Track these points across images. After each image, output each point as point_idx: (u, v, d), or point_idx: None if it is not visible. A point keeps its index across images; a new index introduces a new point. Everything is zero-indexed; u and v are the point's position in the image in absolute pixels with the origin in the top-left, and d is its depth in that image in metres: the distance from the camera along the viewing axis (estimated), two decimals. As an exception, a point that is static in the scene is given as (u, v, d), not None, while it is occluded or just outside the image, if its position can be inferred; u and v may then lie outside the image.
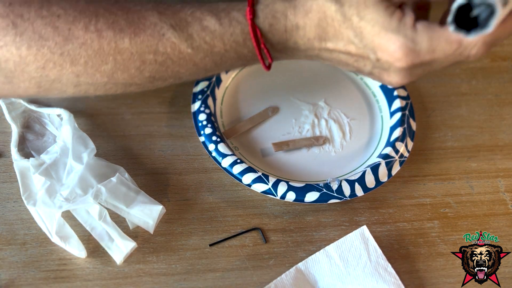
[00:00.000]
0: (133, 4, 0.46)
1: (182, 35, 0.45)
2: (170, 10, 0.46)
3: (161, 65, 0.46)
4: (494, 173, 0.60)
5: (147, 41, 0.45)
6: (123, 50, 0.45)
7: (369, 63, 0.44)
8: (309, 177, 0.56)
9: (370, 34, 0.42)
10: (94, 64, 0.45)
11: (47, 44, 0.43)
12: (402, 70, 0.43)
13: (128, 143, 0.58)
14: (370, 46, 0.43)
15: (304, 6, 0.44)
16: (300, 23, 0.44)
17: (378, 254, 0.51)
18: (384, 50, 0.42)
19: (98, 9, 0.44)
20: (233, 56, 0.47)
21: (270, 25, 0.45)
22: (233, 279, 0.50)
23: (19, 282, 0.48)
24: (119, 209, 0.50)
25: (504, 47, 0.72)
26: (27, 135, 0.56)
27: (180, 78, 0.48)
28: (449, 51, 0.42)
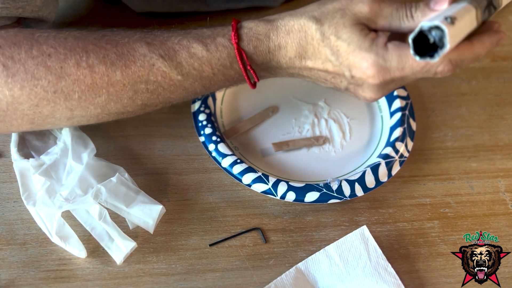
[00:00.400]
0: (121, 37, 0.47)
1: (171, 64, 0.47)
2: (157, 40, 0.47)
3: (152, 93, 0.47)
4: (494, 173, 0.60)
5: (138, 72, 0.46)
6: (115, 83, 0.46)
7: (344, 80, 0.47)
8: (309, 177, 0.56)
9: (346, 52, 0.45)
10: (88, 98, 0.46)
11: (40, 83, 0.44)
12: (375, 86, 0.46)
13: (128, 143, 0.58)
14: (345, 63, 0.45)
15: (286, 26, 0.47)
16: (282, 43, 0.47)
17: (378, 254, 0.51)
18: (358, 68, 0.45)
19: (87, 45, 0.46)
20: (221, 78, 0.49)
21: (254, 47, 0.47)
22: (233, 279, 0.50)
23: (19, 282, 0.48)
24: (119, 209, 0.50)
25: (504, 47, 0.72)
26: (27, 136, 0.56)
27: (171, 102, 0.50)
28: (416, 68, 0.44)
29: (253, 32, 0.47)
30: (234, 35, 0.47)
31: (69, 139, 0.53)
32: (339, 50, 0.45)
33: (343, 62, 0.45)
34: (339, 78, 0.47)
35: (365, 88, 0.47)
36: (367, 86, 0.46)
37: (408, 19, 0.45)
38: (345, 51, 0.45)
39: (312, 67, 0.47)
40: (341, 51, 0.45)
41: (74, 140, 0.53)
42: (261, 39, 0.47)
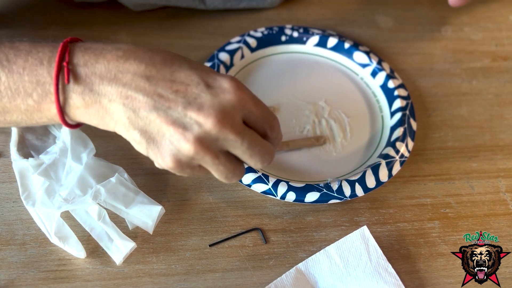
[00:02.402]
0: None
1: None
2: (9, 43, 0.44)
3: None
4: (494, 173, 0.60)
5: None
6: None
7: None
8: (309, 177, 0.56)
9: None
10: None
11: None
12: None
13: (127, 143, 0.57)
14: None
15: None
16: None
17: (379, 255, 0.51)
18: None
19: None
20: (30, 80, 0.43)
21: (86, 48, 0.43)
22: (233, 279, 0.50)
23: (19, 283, 0.48)
24: (118, 209, 0.50)
25: (505, 47, 0.72)
26: (26, 135, 0.56)
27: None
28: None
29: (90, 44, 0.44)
30: (72, 38, 0.43)
31: (68, 139, 0.53)
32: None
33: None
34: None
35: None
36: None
37: None
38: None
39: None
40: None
41: (74, 140, 0.53)
42: (95, 47, 0.43)
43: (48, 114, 0.44)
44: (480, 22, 0.75)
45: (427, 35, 0.72)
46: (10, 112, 0.44)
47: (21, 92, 0.43)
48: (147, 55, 0.43)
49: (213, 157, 0.42)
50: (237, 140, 0.42)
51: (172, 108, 0.41)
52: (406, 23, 0.73)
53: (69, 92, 0.42)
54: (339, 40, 0.66)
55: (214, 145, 0.42)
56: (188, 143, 0.41)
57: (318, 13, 0.72)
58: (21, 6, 0.67)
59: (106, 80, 0.42)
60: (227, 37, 0.66)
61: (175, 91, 0.42)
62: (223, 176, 0.44)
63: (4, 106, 0.44)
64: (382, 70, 0.64)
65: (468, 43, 0.72)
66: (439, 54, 0.70)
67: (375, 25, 0.72)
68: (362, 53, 0.65)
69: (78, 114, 0.43)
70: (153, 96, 0.41)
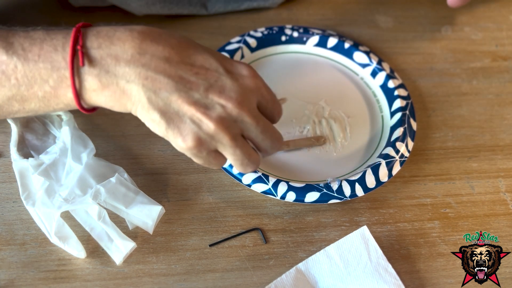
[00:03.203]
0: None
1: (1, 43, 0.43)
2: (7, 29, 0.45)
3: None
4: (495, 173, 0.60)
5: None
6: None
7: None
8: (309, 177, 0.56)
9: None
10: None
11: None
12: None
13: (127, 143, 0.58)
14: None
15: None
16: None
17: (379, 255, 0.51)
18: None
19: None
20: (45, 66, 0.43)
21: (98, 31, 0.44)
22: (233, 279, 0.50)
23: (19, 283, 0.48)
24: (118, 209, 0.50)
25: (505, 47, 0.72)
26: (26, 135, 0.56)
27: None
28: None
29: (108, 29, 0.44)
30: (85, 23, 0.44)
31: (68, 139, 0.53)
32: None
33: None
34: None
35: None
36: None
37: None
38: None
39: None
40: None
41: (74, 140, 0.53)
42: (107, 29, 0.44)
43: (65, 99, 0.45)
44: (480, 22, 0.75)
45: (427, 35, 0.72)
46: (29, 100, 0.45)
47: (37, 79, 0.44)
48: (162, 37, 0.44)
49: (232, 139, 0.43)
50: (253, 123, 0.44)
51: (193, 90, 0.42)
52: (406, 23, 0.73)
53: (84, 75, 0.43)
54: (339, 40, 0.66)
55: (233, 127, 0.43)
56: (211, 121, 0.42)
57: (318, 13, 0.72)
58: (22, 9, 0.67)
59: (123, 61, 0.42)
60: (227, 37, 0.66)
61: (196, 73, 0.43)
62: (239, 161, 0.45)
63: (22, 95, 0.45)
64: (382, 70, 0.64)
65: (468, 43, 0.72)
66: (439, 54, 0.70)
67: (375, 25, 0.72)
68: (362, 53, 0.65)
69: (94, 96, 0.44)
70: (174, 78, 0.42)
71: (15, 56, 0.43)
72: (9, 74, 0.44)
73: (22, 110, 0.46)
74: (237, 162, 0.45)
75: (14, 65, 0.43)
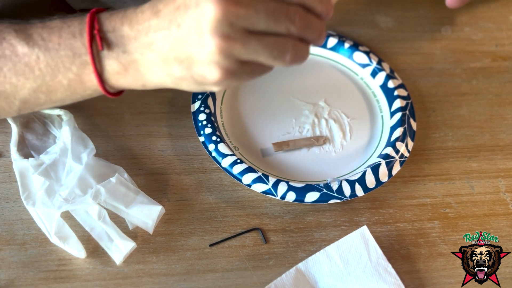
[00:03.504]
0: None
1: (21, 36, 0.44)
2: (24, 22, 0.45)
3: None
4: (494, 173, 0.60)
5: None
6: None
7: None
8: (309, 177, 0.56)
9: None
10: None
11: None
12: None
13: (127, 143, 0.58)
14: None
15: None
16: (139, 8, 0.44)
17: (379, 255, 0.51)
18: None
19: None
20: (66, 54, 0.44)
21: (110, 14, 0.44)
22: (233, 279, 0.50)
23: (19, 283, 0.48)
24: (118, 209, 0.50)
25: (505, 47, 0.72)
26: (27, 135, 0.56)
27: (19, 94, 0.46)
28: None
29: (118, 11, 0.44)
30: (98, 9, 0.44)
31: (68, 139, 0.53)
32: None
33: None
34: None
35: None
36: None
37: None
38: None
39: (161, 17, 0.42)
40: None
41: (74, 140, 0.53)
42: (119, 11, 0.44)
43: (91, 85, 0.45)
44: (480, 22, 0.75)
45: (427, 35, 0.72)
46: (55, 90, 0.46)
47: (60, 68, 0.44)
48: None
49: (242, 44, 0.40)
50: (249, 13, 0.39)
51: (181, 25, 0.41)
52: (406, 23, 0.73)
53: (104, 59, 0.44)
54: (339, 40, 0.66)
55: (234, 31, 0.39)
56: (208, 39, 0.39)
57: (318, 13, 0.72)
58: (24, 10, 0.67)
59: (133, 39, 0.43)
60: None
61: (176, 8, 0.41)
62: (274, 53, 0.41)
63: (48, 85, 0.45)
64: (382, 70, 0.64)
65: (468, 43, 0.72)
66: (439, 54, 0.70)
67: (375, 25, 0.72)
68: (362, 53, 0.65)
69: (120, 79, 0.45)
70: (165, 25, 0.41)
71: (36, 47, 0.44)
72: (32, 66, 0.44)
73: (49, 101, 0.47)
74: (272, 54, 0.41)
75: (36, 56, 0.44)
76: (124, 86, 0.46)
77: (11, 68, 0.44)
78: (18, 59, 0.44)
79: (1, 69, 0.45)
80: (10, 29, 0.45)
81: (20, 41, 0.44)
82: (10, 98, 0.46)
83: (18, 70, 0.45)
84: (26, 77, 0.45)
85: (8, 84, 0.45)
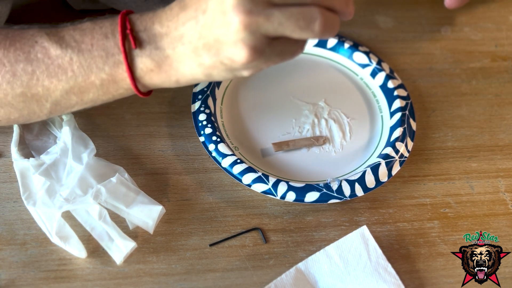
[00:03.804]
0: (22, 27, 0.46)
1: (54, 38, 0.45)
2: (54, 25, 0.46)
3: (31, 76, 0.45)
4: (494, 173, 0.60)
5: (20, 49, 0.45)
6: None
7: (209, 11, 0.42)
8: (309, 177, 0.56)
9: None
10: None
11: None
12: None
13: (128, 143, 0.58)
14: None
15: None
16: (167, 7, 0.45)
17: (378, 254, 0.51)
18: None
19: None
20: (99, 54, 0.45)
21: (141, 15, 0.45)
22: (233, 279, 0.50)
23: (19, 282, 0.48)
24: (119, 209, 0.50)
25: (505, 47, 0.72)
26: (27, 135, 0.56)
27: (51, 96, 0.46)
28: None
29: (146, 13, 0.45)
30: (127, 10, 0.45)
31: (69, 139, 0.53)
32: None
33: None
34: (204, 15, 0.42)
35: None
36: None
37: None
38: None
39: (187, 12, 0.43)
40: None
41: (74, 140, 0.53)
42: (149, 12, 0.45)
43: (124, 84, 0.46)
44: (480, 22, 0.75)
45: (427, 35, 0.72)
46: (87, 91, 0.46)
47: (93, 68, 0.45)
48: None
49: (266, 17, 0.40)
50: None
51: (206, 10, 0.41)
52: (406, 23, 0.73)
53: (137, 57, 0.44)
54: (338, 40, 0.66)
55: (256, 5, 0.40)
56: (232, 17, 0.40)
57: (318, 13, 0.73)
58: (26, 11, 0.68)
59: (164, 35, 0.44)
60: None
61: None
62: (300, 23, 0.40)
63: (80, 86, 0.46)
64: (381, 70, 0.64)
65: (467, 43, 0.72)
66: (439, 54, 0.70)
67: (375, 25, 0.72)
68: (362, 53, 0.65)
69: (152, 76, 0.45)
70: (192, 15, 0.42)
71: (69, 49, 0.45)
72: (65, 67, 0.45)
73: (80, 102, 0.47)
74: (297, 23, 0.40)
75: (69, 58, 0.45)
76: (157, 83, 0.46)
77: (43, 70, 0.45)
78: (51, 61, 0.45)
79: (34, 72, 0.45)
80: (42, 33, 0.45)
81: (53, 43, 0.45)
82: (42, 100, 0.47)
83: (51, 72, 0.45)
84: (59, 79, 0.45)
85: (40, 87, 0.46)
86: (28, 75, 0.45)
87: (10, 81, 0.45)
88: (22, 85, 0.45)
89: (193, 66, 0.44)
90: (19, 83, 0.45)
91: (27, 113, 0.48)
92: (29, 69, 0.45)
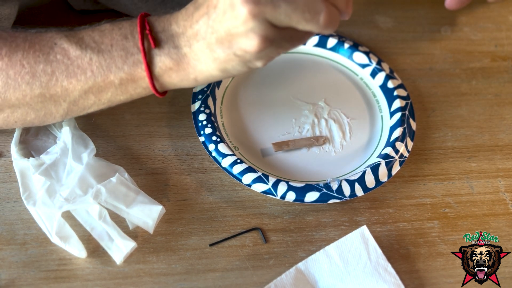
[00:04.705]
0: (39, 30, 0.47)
1: (72, 40, 0.46)
2: (72, 28, 0.47)
3: (51, 77, 0.46)
4: (494, 173, 0.60)
5: (39, 51, 0.46)
6: (15, 63, 0.45)
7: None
8: (309, 177, 0.56)
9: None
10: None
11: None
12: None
13: (128, 143, 0.58)
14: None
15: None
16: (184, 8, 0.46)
17: (378, 254, 0.51)
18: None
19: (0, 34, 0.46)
20: (119, 54, 0.46)
21: (158, 17, 0.47)
22: (233, 279, 0.50)
23: (19, 282, 0.48)
24: (119, 209, 0.50)
25: (504, 47, 0.72)
26: (27, 135, 0.56)
27: (69, 96, 0.47)
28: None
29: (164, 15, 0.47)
30: (145, 13, 0.46)
31: (69, 139, 0.53)
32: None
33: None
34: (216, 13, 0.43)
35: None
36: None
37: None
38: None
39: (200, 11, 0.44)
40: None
41: (74, 140, 0.53)
42: (167, 15, 0.47)
43: (142, 83, 0.47)
44: (480, 22, 0.75)
45: (427, 35, 0.72)
46: (105, 90, 0.47)
47: (112, 68, 0.46)
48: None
49: (273, 7, 0.41)
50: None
51: (216, 5, 0.42)
52: (406, 23, 0.73)
53: (156, 56, 0.46)
54: (338, 41, 0.66)
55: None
56: (240, 8, 0.41)
57: (318, 13, 0.73)
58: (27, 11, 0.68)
59: (181, 34, 0.45)
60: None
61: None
62: (305, 15, 0.41)
63: (99, 86, 0.47)
64: (381, 70, 0.64)
65: (467, 43, 0.72)
66: (439, 54, 0.70)
67: (375, 25, 0.72)
68: (362, 53, 0.65)
69: (171, 74, 0.46)
70: (204, 11, 0.43)
71: (89, 49, 0.45)
72: (84, 68, 0.46)
73: (98, 102, 0.48)
74: (302, 13, 0.41)
75: (89, 58, 0.45)
76: (176, 82, 0.47)
77: (63, 71, 0.46)
78: (71, 62, 0.46)
79: (53, 73, 0.46)
80: (61, 35, 0.46)
81: (72, 44, 0.45)
82: (60, 101, 0.47)
83: (70, 72, 0.46)
84: (78, 79, 0.46)
85: (59, 87, 0.46)
86: (48, 76, 0.46)
87: (29, 82, 0.46)
88: (41, 85, 0.46)
89: (208, 62, 0.45)
90: (38, 83, 0.46)
91: (44, 114, 0.49)
92: (49, 70, 0.46)
